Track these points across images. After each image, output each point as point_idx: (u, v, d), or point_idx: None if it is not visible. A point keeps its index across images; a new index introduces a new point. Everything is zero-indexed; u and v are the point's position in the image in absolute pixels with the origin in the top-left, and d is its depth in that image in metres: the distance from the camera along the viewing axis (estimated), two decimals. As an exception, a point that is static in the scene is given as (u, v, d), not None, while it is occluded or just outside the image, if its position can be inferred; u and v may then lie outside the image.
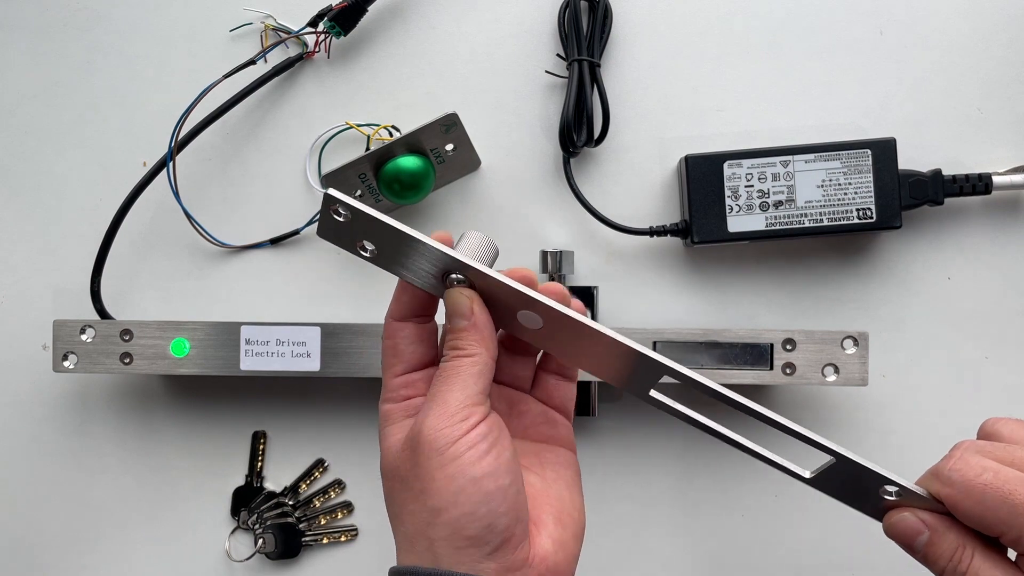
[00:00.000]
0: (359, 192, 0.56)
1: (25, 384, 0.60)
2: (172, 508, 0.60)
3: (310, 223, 0.59)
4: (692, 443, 0.58)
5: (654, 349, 0.53)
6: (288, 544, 0.59)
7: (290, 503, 0.59)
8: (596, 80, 0.56)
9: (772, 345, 0.52)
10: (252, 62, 0.58)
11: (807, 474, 0.38)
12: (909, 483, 0.37)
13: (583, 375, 0.53)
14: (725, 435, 0.39)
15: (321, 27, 0.58)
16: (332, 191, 0.37)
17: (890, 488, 0.37)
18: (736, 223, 0.54)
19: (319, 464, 0.59)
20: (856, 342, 0.52)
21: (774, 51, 0.58)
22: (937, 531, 0.36)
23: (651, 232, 0.56)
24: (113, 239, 0.57)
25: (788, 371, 0.52)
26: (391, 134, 0.58)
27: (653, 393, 0.39)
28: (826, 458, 0.37)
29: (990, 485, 0.34)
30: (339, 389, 0.59)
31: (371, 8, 0.57)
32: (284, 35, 0.59)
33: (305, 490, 0.59)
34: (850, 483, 0.38)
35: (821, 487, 0.39)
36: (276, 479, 0.59)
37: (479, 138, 0.57)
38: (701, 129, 0.58)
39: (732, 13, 0.58)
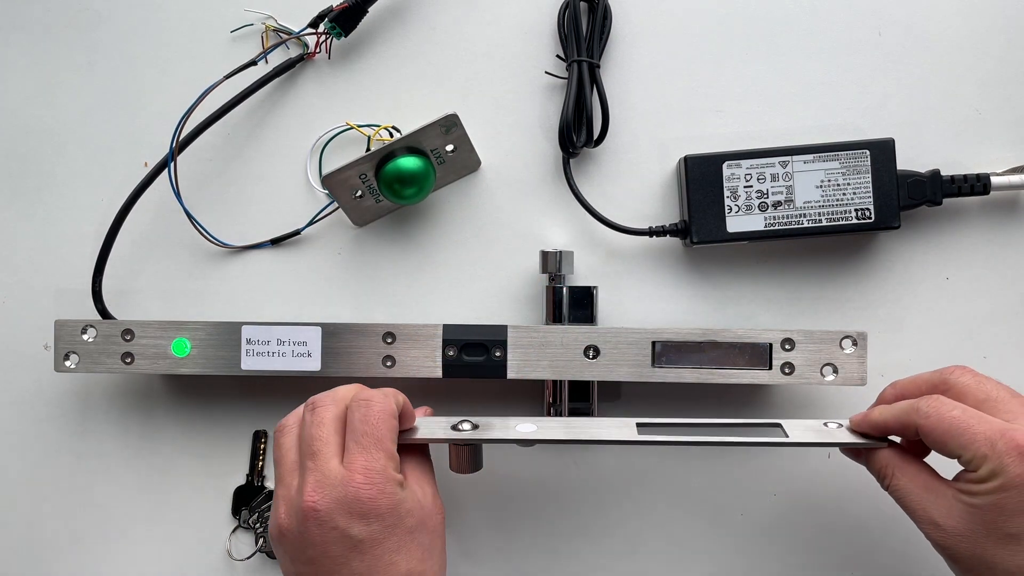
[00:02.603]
0: (359, 192, 0.56)
1: (26, 384, 0.60)
2: (173, 507, 0.60)
3: (311, 223, 0.59)
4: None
5: (653, 349, 0.53)
6: (289, 543, 0.59)
7: (291, 502, 0.59)
8: (595, 81, 0.56)
9: (771, 345, 0.52)
10: (253, 63, 0.58)
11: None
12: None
13: (582, 375, 0.54)
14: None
15: (322, 28, 0.58)
16: None
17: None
18: (735, 223, 0.55)
19: (320, 463, 0.59)
20: (855, 342, 0.52)
21: (773, 52, 0.58)
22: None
23: (650, 232, 0.56)
24: (115, 239, 0.57)
25: (787, 371, 0.52)
26: (391, 135, 0.58)
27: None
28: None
29: (957, 419, 0.43)
30: (340, 389, 0.59)
31: (371, 9, 0.58)
32: (285, 36, 0.59)
33: (306, 489, 0.59)
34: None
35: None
36: (277, 478, 0.60)
37: (479, 138, 0.57)
38: (700, 129, 0.58)
39: (731, 14, 0.58)
